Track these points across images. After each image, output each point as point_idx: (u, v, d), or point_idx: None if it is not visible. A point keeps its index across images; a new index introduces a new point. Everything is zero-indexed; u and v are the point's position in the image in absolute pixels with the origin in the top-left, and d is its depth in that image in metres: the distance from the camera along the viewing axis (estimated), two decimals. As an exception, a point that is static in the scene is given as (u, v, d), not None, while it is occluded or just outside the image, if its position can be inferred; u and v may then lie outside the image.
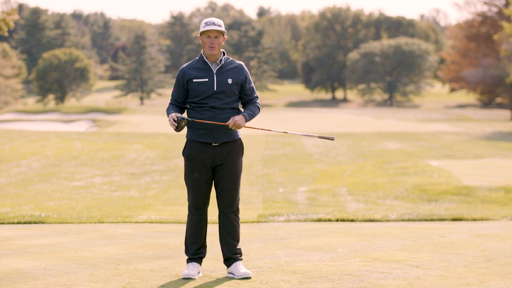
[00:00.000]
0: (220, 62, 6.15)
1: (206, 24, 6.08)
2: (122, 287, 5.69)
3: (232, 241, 6.21)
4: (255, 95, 6.29)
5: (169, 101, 6.28)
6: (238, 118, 6.06)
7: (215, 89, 6.07)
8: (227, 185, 6.15)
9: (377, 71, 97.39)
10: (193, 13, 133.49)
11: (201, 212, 6.24)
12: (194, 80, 6.10)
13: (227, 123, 6.05)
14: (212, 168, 6.17)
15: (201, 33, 6.10)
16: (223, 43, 6.19)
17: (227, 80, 6.10)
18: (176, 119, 6.02)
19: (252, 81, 6.27)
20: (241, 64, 6.22)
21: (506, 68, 60.54)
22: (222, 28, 6.08)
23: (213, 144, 6.11)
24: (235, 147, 6.16)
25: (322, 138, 6.31)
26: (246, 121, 6.12)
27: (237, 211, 6.24)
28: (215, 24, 6.06)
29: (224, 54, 6.20)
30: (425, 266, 6.52)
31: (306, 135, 6.37)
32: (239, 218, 6.27)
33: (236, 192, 6.19)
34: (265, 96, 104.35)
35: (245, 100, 6.26)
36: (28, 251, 7.27)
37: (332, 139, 6.30)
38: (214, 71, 6.11)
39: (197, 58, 6.21)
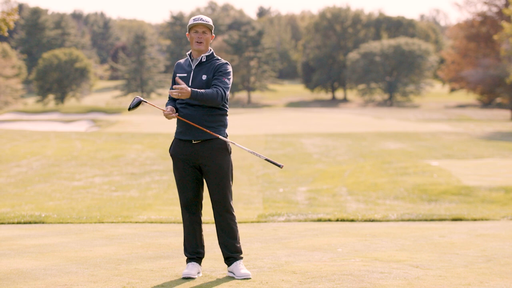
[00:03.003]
0: (201, 59, 6.16)
1: (194, 19, 6.14)
2: (122, 287, 5.69)
3: (230, 239, 6.20)
4: (221, 85, 6.04)
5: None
6: (185, 88, 5.87)
7: (189, 84, 6.11)
8: (215, 184, 6.13)
9: (377, 71, 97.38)
10: (193, 13, 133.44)
11: (192, 210, 6.24)
12: (177, 75, 6.21)
13: (173, 90, 5.91)
14: (197, 167, 6.17)
15: (189, 29, 6.16)
16: (211, 41, 6.20)
17: (202, 77, 6.12)
18: (167, 109, 6.09)
19: (226, 75, 6.09)
20: (223, 64, 6.13)
21: (506, 68, 60.56)
22: (210, 24, 6.13)
23: (193, 141, 6.10)
24: (217, 145, 6.10)
25: (270, 162, 6.20)
26: (191, 96, 5.89)
27: (230, 209, 6.19)
28: (202, 20, 6.12)
29: (211, 52, 6.20)
30: (425, 266, 6.51)
31: (254, 153, 6.28)
32: (234, 216, 6.23)
33: (225, 191, 6.15)
34: (265, 96, 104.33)
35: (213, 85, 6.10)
36: (28, 251, 7.27)
37: (281, 166, 6.12)
38: (193, 67, 6.17)
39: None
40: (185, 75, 6.17)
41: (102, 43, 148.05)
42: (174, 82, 6.27)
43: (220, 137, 6.08)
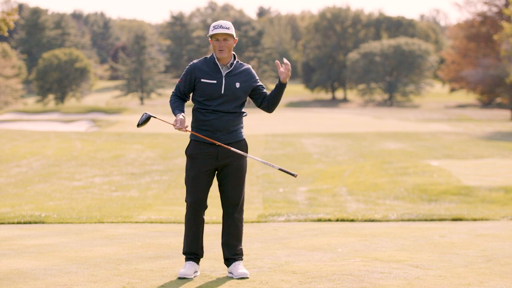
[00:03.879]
0: (231, 66, 6.14)
1: (214, 27, 6.07)
2: (122, 287, 5.69)
3: (235, 242, 6.21)
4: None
5: (173, 91, 6.28)
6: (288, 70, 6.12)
7: (222, 92, 6.07)
8: (232, 184, 6.14)
9: (377, 71, 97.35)
10: (193, 13, 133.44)
11: (199, 210, 6.22)
12: (202, 80, 6.10)
13: (282, 77, 6.11)
14: (215, 168, 6.17)
15: (211, 37, 6.10)
16: (234, 45, 6.17)
17: (235, 84, 6.10)
18: (177, 123, 6.06)
19: (261, 84, 6.34)
20: (249, 68, 6.23)
21: (506, 68, 60.54)
22: (231, 31, 6.05)
23: (217, 144, 6.10)
24: (239, 148, 6.15)
25: (283, 171, 6.19)
26: (286, 84, 6.22)
27: (241, 211, 6.23)
28: (222, 27, 6.04)
29: (235, 58, 6.20)
30: (425, 266, 6.51)
31: (268, 164, 6.30)
32: (242, 218, 6.26)
33: (241, 192, 6.17)
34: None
35: (264, 94, 6.31)
36: (28, 251, 7.26)
37: (295, 175, 6.10)
38: (223, 74, 6.11)
39: (209, 57, 6.20)
40: (215, 82, 6.08)
41: (102, 43, 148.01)
42: (191, 85, 6.16)
43: (237, 151, 6.10)
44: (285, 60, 6.12)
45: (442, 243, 7.99)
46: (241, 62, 6.24)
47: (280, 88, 6.18)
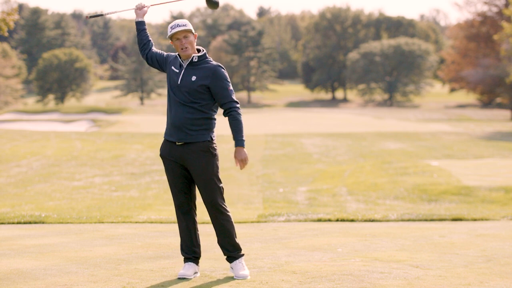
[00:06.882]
0: (193, 58, 6.12)
1: (172, 27, 6.09)
2: (122, 287, 5.69)
3: (226, 239, 6.19)
4: (233, 102, 6.08)
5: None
6: (240, 153, 6.03)
7: (178, 82, 6.08)
8: (202, 186, 6.10)
9: (377, 71, 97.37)
10: (193, 13, 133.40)
11: (184, 210, 6.22)
12: (171, 68, 6.18)
13: (237, 165, 6.10)
14: (185, 168, 6.15)
15: (171, 38, 6.12)
16: (195, 40, 6.16)
17: (192, 77, 6.06)
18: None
19: (227, 87, 6.08)
20: (215, 66, 6.10)
21: (506, 68, 60.53)
22: (188, 27, 6.06)
23: (177, 143, 6.10)
24: (200, 149, 6.06)
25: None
26: (243, 147, 6.06)
27: (221, 209, 6.13)
28: (179, 25, 6.05)
29: (203, 52, 6.16)
30: (425, 266, 6.51)
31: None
32: (227, 216, 6.17)
33: (212, 193, 6.09)
34: (265, 96, 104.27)
35: (222, 108, 6.13)
36: (28, 251, 7.27)
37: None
38: (184, 66, 6.13)
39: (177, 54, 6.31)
40: (177, 71, 6.14)
41: (102, 43, 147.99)
42: (162, 59, 6.27)
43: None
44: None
45: (442, 243, 7.99)
46: (210, 60, 6.17)
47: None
